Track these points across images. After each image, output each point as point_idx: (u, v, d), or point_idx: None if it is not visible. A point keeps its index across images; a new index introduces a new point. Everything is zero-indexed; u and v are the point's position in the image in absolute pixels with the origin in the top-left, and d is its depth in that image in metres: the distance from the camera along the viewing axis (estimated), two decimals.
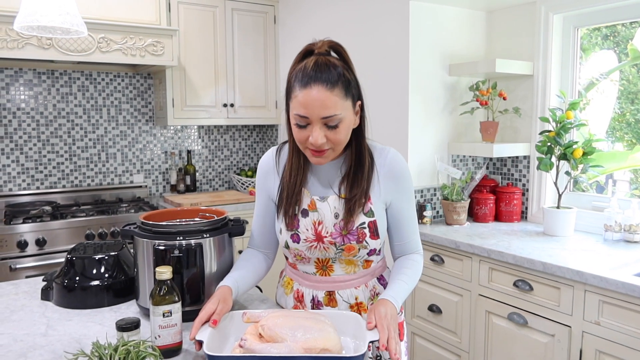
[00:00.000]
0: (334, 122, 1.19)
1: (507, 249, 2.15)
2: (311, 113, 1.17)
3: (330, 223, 1.31)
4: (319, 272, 1.37)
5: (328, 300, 1.37)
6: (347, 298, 1.37)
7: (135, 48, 2.98)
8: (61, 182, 3.36)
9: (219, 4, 3.46)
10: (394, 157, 1.35)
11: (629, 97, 2.71)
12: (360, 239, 1.30)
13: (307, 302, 1.40)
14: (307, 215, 1.33)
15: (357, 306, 1.37)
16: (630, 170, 2.76)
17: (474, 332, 2.31)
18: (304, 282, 1.40)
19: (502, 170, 2.92)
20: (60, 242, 2.79)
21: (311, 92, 1.16)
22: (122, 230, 1.47)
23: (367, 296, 1.38)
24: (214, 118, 3.53)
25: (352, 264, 1.36)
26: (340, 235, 1.30)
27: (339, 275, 1.36)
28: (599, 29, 2.71)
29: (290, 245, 1.35)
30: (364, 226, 1.30)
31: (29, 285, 1.72)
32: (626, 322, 1.76)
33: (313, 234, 1.32)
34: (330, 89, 1.16)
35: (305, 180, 1.35)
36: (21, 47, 2.67)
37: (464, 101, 2.81)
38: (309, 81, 1.17)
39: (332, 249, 1.32)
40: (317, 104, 1.16)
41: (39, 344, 1.27)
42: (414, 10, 2.63)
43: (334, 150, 1.25)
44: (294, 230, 1.34)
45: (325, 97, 1.16)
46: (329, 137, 1.20)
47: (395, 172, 1.34)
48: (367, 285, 1.39)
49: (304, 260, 1.38)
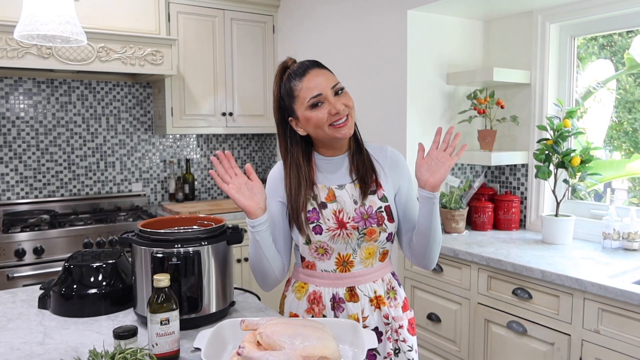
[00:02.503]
0: (341, 87, 1.38)
1: (506, 257, 2.15)
2: (322, 88, 1.35)
3: (351, 208, 1.40)
4: (339, 268, 1.42)
5: (350, 296, 1.42)
6: (368, 292, 1.43)
7: (134, 57, 3.00)
8: (60, 190, 3.36)
9: (218, 14, 3.48)
10: (392, 150, 1.53)
11: (626, 106, 2.72)
12: (380, 222, 1.40)
13: (327, 302, 1.42)
14: (326, 207, 1.40)
15: (376, 299, 1.44)
16: (629, 179, 2.77)
17: (473, 341, 2.30)
18: (322, 282, 1.43)
19: (501, 179, 2.92)
20: (58, 251, 2.78)
21: (312, 74, 1.36)
22: (120, 238, 1.47)
23: (384, 289, 1.46)
24: (213, 127, 3.54)
25: (371, 256, 1.43)
26: (362, 219, 1.39)
27: (358, 270, 1.42)
28: (596, 38, 2.73)
29: (313, 238, 1.39)
30: (381, 210, 1.41)
31: (27, 294, 1.72)
32: (625, 330, 1.75)
33: (335, 222, 1.38)
34: (321, 67, 1.39)
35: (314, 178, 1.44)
36: (21, 56, 2.69)
37: (462, 110, 2.82)
38: (305, 70, 1.37)
39: (355, 235, 1.39)
40: (322, 79, 1.36)
41: (36, 352, 1.27)
42: (411, 20, 2.65)
43: (351, 117, 1.38)
44: (315, 222, 1.38)
45: (325, 72, 1.38)
46: (343, 102, 1.36)
47: (397, 162, 1.51)
48: (384, 279, 1.47)
49: (324, 256, 1.40)
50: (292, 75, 1.38)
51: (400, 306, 1.49)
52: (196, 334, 1.34)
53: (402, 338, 1.46)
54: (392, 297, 1.48)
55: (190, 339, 1.33)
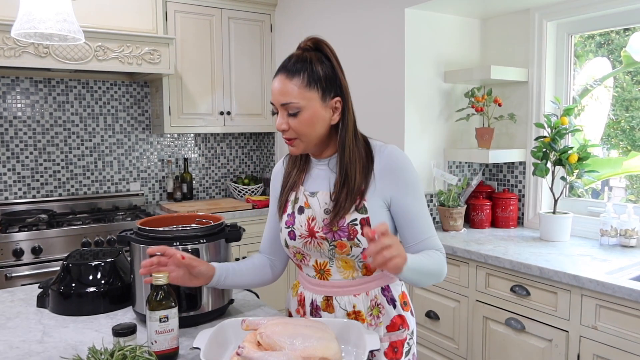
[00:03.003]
0: (292, 110, 1.25)
1: (504, 255, 2.15)
2: (274, 99, 1.27)
3: (321, 218, 1.30)
4: (318, 275, 1.36)
5: (325, 306, 1.35)
6: (345, 305, 1.33)
7: (132, 56, 2.99)
8: (57, 190, 3.35)
9: (215, 13, 3.48)
10: (390, 152, 1.31)
11: (624, 104, 2.73)
12: (352, 236, 1.26)
13: (307, 306, 1.39)
14: (302, 212, 1.34)
15: (354, 314, 1.32)
16: (626, 177, 2.78)
17: (472, 338, 2.30)
18: (307, 285, 1.40)
19: (498, 176, 2.93)
20: (56, 251, 2.77)
21: (275, 81, 1.27)
22: (119, 237, 1.47)
23: (366, 305, 1.32)
24: (211, 126, 3.53)
25: (349, 268, 1.32)
26: (331, 231, 1.28)
27: (336, 280, 1.34)
28: (593, 36, 2.74)
29: (289, 243, 1.36)
30: (355, 223, 1.26)
31: (25, 293, 1.71)
32: (623, 326, 1.76)
33: (306, 230, 1.32)
34: (289, 77, 1.24)
35: (302, 179, 1.39)
36: (18, 55, 2.68)
37: (459, 108, 2.82)
38: (277, 71, 1.28)
39: (326, 245, 1.30)
40: (276, 91, 1.26)
41: (35, 350, 1.27)
42: (409, 18, 2.65)
43: (302, 141, 1.28)
44: (290, 228, 1.35)
45: (283, 85, 1.25)
46: (290, 125, 1.26)
47: (392, 167, 1.29)
48: (368, 294, 1.33)
49: (304, 260, 1.38)
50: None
51: (385, 325, 1.33)
52: (195, 331, 1.35)
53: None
54: (375, 315, 1.32)
55: (190, 336, 1.33)
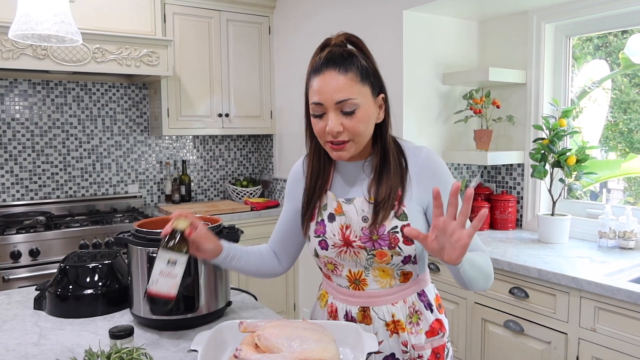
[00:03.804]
0: (349, 108, 1.14)
1: (502, 257, 2.15)
2: (325, 98, 1.14)
3: (358, 227, 1.22)
4: (352, 285, 1.28)
5: (362, 317, 1.27)
6: (383, 315, 1.26)
7: (130, 58, 2.99)
8: (55, 192, 3.34)
9: (214, 15, 3.48)
10: (427, 154, 1.25)
11: (622, 106, 2.74)
12: (393, 245, 1.19)
13: (341, 318, 1.30)
14: (333, 220, 1.25)
15: (394, 324, 1.26)
16: (624, 179, 2.78)
17: (471, 341, 2.30)
18: (338, 296, 1.32)
19: (497, 178, 2.93)
20: (54, 253, 2.76)
21: (324, 77, 1.14)
22: (116, 238, 1.46)
23: (405, 313, 1.27)
24: (209, 128, 3.53)
25: (387, 276, 1.26)
26: (370, 240, 1.21)
27: (373, 290, 1.26)
28: (591, 39, 2.74)
29: (320, 252, 1.28)
30: (396, 230, 1.19)
31: (22, 295, 1.71)
32: (622, 329, 1.76)
33: (340, 239, 1.24)
34: (342, 72, 1.13)
35: (329, 183, 1.29)
36: (16, 57, 2.68)
37: (457, 110, 2.82)
38: (322, 67, 1.15)
39: (363, 254, 1.22)
40: (329, 88, 1.13)
41: (31, 353, 1.26)
42: (407, 20, 2.65)
43: (354, 143, 1.17)
44: (321, 237, 1.27)
45: (338, 80, 1.13)
46: (345, 126, 1.14)
47: (430, 170, 1.23)
48: (406, 301, 1.28)
49: (336, 270, 1.29)
50: (315, 65, 1.18)
51: (424, 332, 1.28)
52: (193, 334, 1.34)
53: None
54: (415, 322, 1.28)
55: (187, 339, 1.33)
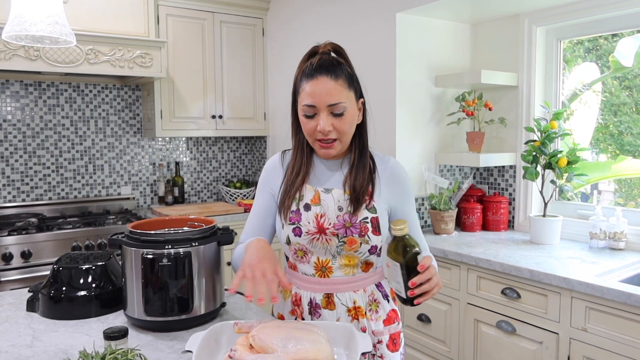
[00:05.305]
0: (339, 110, 1.28)
1: (494, 258, 2.17)
2: (318, 101, 1.27)
3: (334, 215, 1.34)
4: (318, 273, 1.38)
5: (326, 303, 1.38)
6: (346, 301, 1.38)
7: (123, 60, 2.98)
8: (47, 194, 3.33)
9: (207, 17, 3.48)
10: (394, 164, 1.44)
11: (612, 109, 2.76)
12: (363, 233, 1.33)
13: (305, 306, 1.39)
14: (309, 209, 1.36)
15: (355, 310, 1.38)
16: (615, 180, 2.81)
17: (463, 341, 2.31)
18: (303, 285, 1.41)
19: (489, 180, 2.95)
20: (46, 255, 2.75)
21: (318, 82, 1.27)
22: (110, 240, 1.46)
23: (365, 301, 1.39)
24: (203, 130, 3.53)
25: (351, 264, 1.37)
26: (344, 227, 1.33)
27: (337, 277, 1.38)
28: (582, 42, 2.77)
29: (292, 239, 1.36)
30: (366, 220, 1.34)
31: (14, 297, 1.70)
32: (612, 328, 1.78)
33: (315, 226, 1.34)
34: (334, 78, 1.28)
35: (307, 177, 1.40)
36: (8, 58, 2.66)
37: (450, 112, 2.84)
38: (315, 73, 1.28)
39: (335, 241, 1.34)
40: (323, 92, 1.27)
41: (25, 355, 1.26)
42: (400, 23, 2.67)
43: (340, 142, 1.33)
44: (295, 224, 1.36)
45: (331, 86, 1.27)
46: (335, 126, 1.29)
47: (397, 178, 1.42)
48: (366, 290, 1.40)
49: (304, 259, 1.38)
50: (305, 70, 1.31)
51: (382, 319, 1.41)
52: (187, 335, 1.34)
53: (380, 354, 1.40)
54: (374, 309, 1.40)
55: (182, 340, 1.33)
